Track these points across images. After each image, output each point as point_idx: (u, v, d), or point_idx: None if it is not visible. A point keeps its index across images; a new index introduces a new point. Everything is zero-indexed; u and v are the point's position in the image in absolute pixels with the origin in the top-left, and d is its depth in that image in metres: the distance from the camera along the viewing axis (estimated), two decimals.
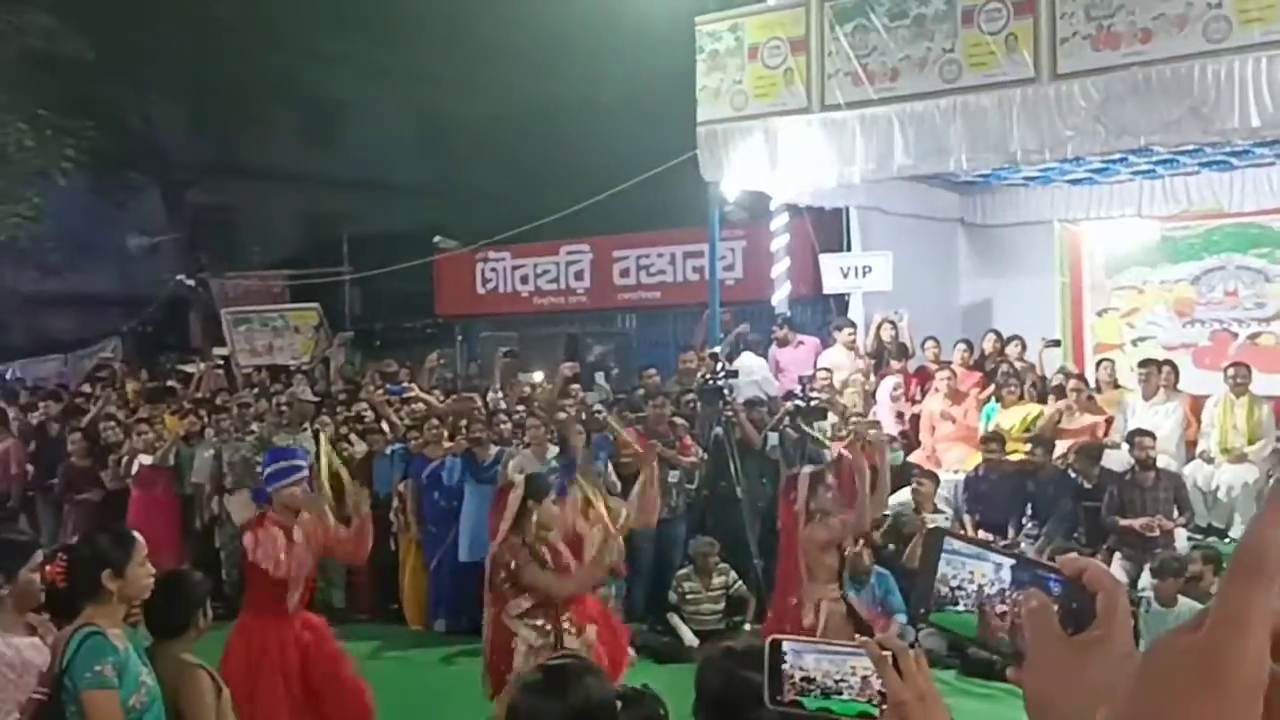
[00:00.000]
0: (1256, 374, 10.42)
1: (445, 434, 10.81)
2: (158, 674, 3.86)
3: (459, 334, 18.23)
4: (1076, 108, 9.63)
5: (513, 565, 6.16)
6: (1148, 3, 9.38)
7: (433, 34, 21.06)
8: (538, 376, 12.63)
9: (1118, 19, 9.49)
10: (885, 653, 1.29)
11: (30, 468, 13.21)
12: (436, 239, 17.96)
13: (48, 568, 3.83)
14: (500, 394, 11.87)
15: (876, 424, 9.77)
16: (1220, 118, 9.13)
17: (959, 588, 1.09)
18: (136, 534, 3.97)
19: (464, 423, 10.75)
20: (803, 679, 1.41)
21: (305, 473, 6.51)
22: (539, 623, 6.14)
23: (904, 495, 9.88)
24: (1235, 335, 12.04)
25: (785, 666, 1.42)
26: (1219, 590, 0.78)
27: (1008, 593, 1.05)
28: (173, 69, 21.00)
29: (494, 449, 10.30)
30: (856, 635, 6.08)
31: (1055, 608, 0.97)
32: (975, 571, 1.08)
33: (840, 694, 1.39)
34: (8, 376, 18.57)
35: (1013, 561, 1.06)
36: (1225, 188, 12.33)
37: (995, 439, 10.24)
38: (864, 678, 1.39)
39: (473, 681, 6.63)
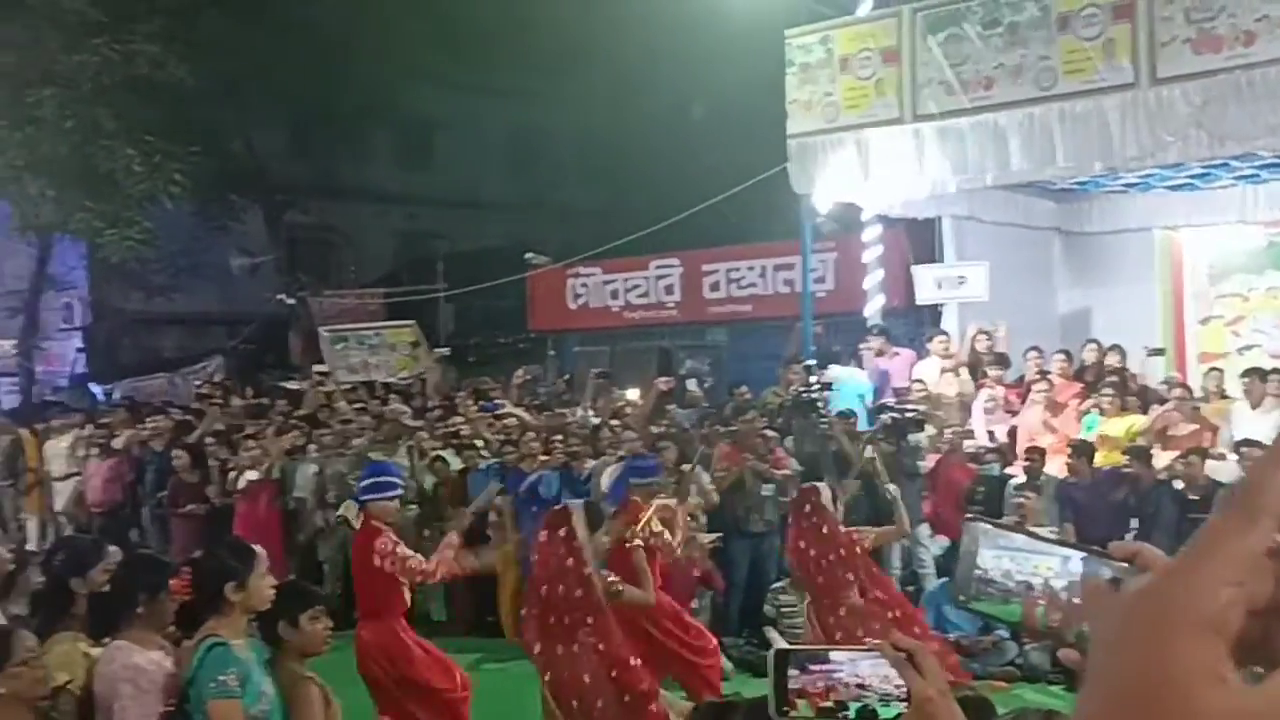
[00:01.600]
0: None
1: (540, 448, 10.93)
2: (275, 683, 3.98)
3: (551, 349, 18.40)
4: (1177, 113, 9.45)
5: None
6: (1250, 4, 9.18)
7: (523, 52, 21.33)
8: (632, 394, 12.71)
9: (1219, 21, 9.29)
10: (901, 653, 1.29)
11: (135, 484, 13.64)
12: (529, 255, 18.16)
13: (172, 581, 3.98)
14: (590, 411, 11.97)
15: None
16: None
17: (1023, 581, 1.10)
18: (257, 547, 4.11)
19: (559, 437, 10.86)
20: (840, 686, 1.42)
21: (400, 490, 6.75)
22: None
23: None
24: None
25: (792, 678, 1.42)
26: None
27: (1077, 585, 1.06)
28: (272, 93, 21.57)
29: (590, 463, 10.39)
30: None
31: (1112, 588, 0.98)
32: (1040, 565, 1.09)
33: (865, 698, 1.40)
34: (116, 394, 19.16)
35: (1081, 554, 1.08)
36: None
37: (1082, 451, 10.02)
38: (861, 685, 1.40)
39: None
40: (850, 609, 7.61)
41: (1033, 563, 1.09)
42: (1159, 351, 12.01)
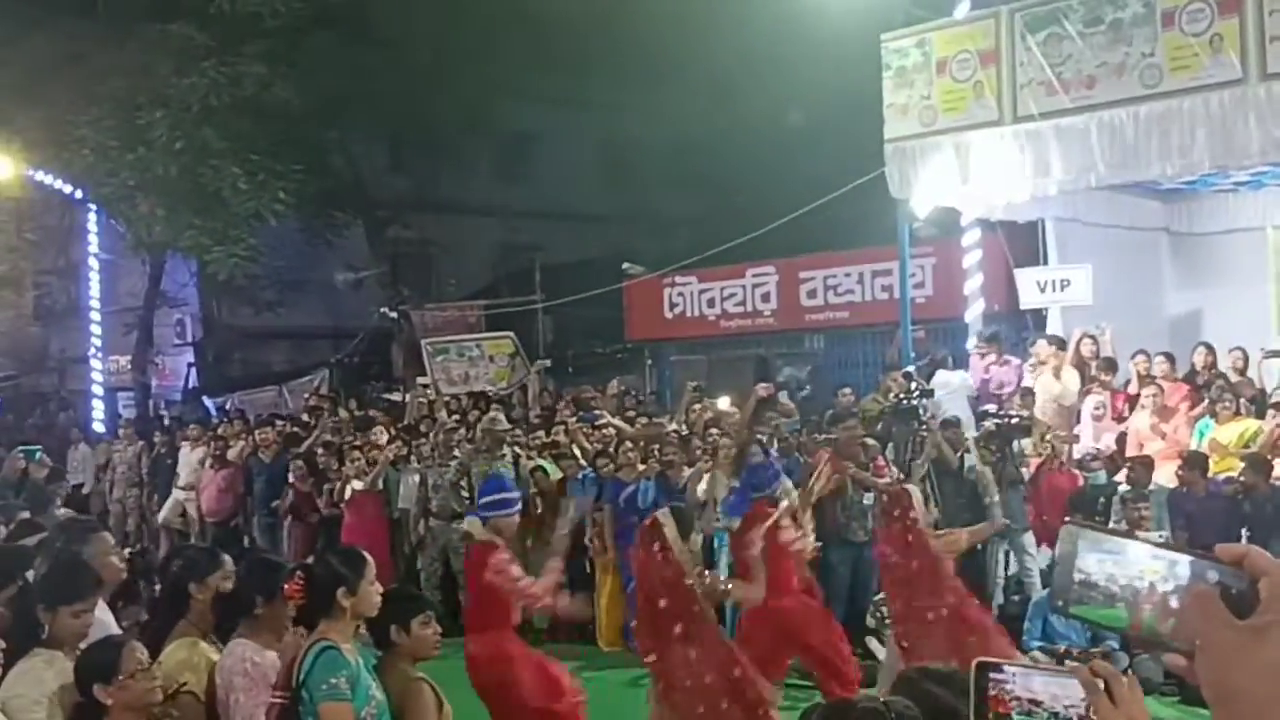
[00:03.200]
0: None
1: (639, 458, 10.98)
2: (385, 687, 4.07)
3: (648, 358, 18.45)
4: None
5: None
6: None
7: (617, 64, 21.45)
8: (723, 403, 12.70)
9: None
10: (1098, 679, 1.27)
11: (248, 494, 14.03)
12: (625, 265, 18.26)
13: (285, 586, 4.10)
14: (683, 424, 11.98)
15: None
16: None
17: (1128, 585, 1.08)
18: (366, 554, 4.22)
19: (656, 447, 10.89)
20: (1013, 699, 1.41)
21: (520, 505, 6.89)
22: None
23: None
24: None
25: (992, 689, 1.42)
26: None
27: (1184, 589, 1.04)
28: (372, 111, 22.00)
29: (686, 471, 10.41)
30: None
31: (1220, 595, 0.96)
32: (1146, 569, 1.08)
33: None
34: (228, 407, 19.70)
35: (1187, 557, 1.06)
36: None
37: (1195, 463, 9.73)
38: (1068, 705, 1.39)
39: None
40: (919, 619, 7.46)
41: (1138, 567, 1.08)
42: (1276, 353, 11.64)
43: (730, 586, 6.85)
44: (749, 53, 19.96)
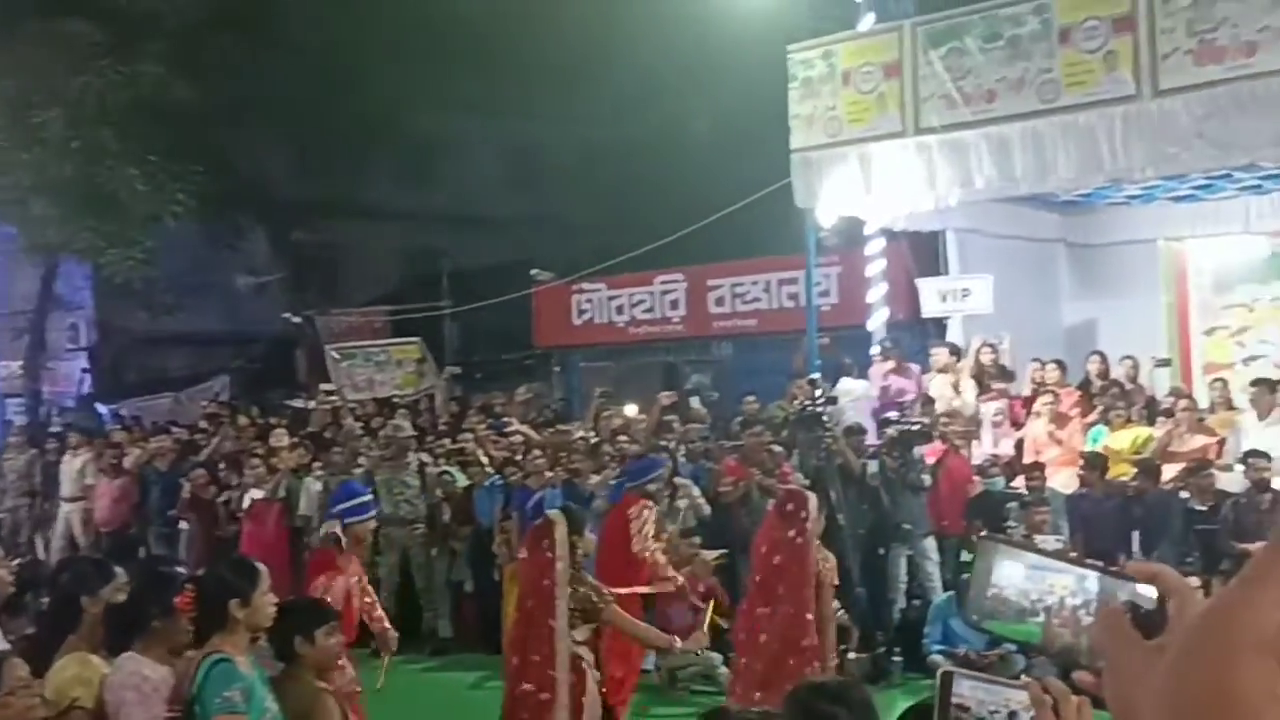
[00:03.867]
0: None
1: (546, 465, 10.93)
2: (287, 699, 3.98)
3: (556, 365, 18.40)
4: (1180, 124, 9.45)
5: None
6: (1251, 15, 9.19)
7: (525, 70, 21.40)
8: (631, 410, 12.72)
9: (1221, 33, 9.30)
10: (1048, 696, 1.27)
11: (142, 504, 13.67)
12: (533, 272, 18.20)
13: (177, 599, 3.99)
14: (591, 431, 11.97)
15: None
16: None
17: (1039, 600, 1.09)
18: (259, 564, 4.12)
19: (564, 454, 10.86)
20: (957, 706, 1.43)
21: (374, 511, 6.89)
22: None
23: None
24: None
25: (955, 698, 1.43)
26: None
27: (1093, 604, 1.05)
28: (276, 114, 21.64)
29: (594, 478, 10.39)
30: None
31: (1128, 614, 0.97)
32: (1056, 584, 1.09)
33: None
34: (123, 413, 19.19)
35: (1096, 573, 1.07)
36: None
37: (1094, 464, 10.00)
38: (1012, 713, 1.40)
39: None
40: (758, 617, 7.26)
41: (1049, 581, 1.08)
42: (1165, 363, 12.00)
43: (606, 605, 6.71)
44: (658, 61, 20.05)
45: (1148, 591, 0.98)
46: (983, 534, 8.41)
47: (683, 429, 11.44)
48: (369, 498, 7.07)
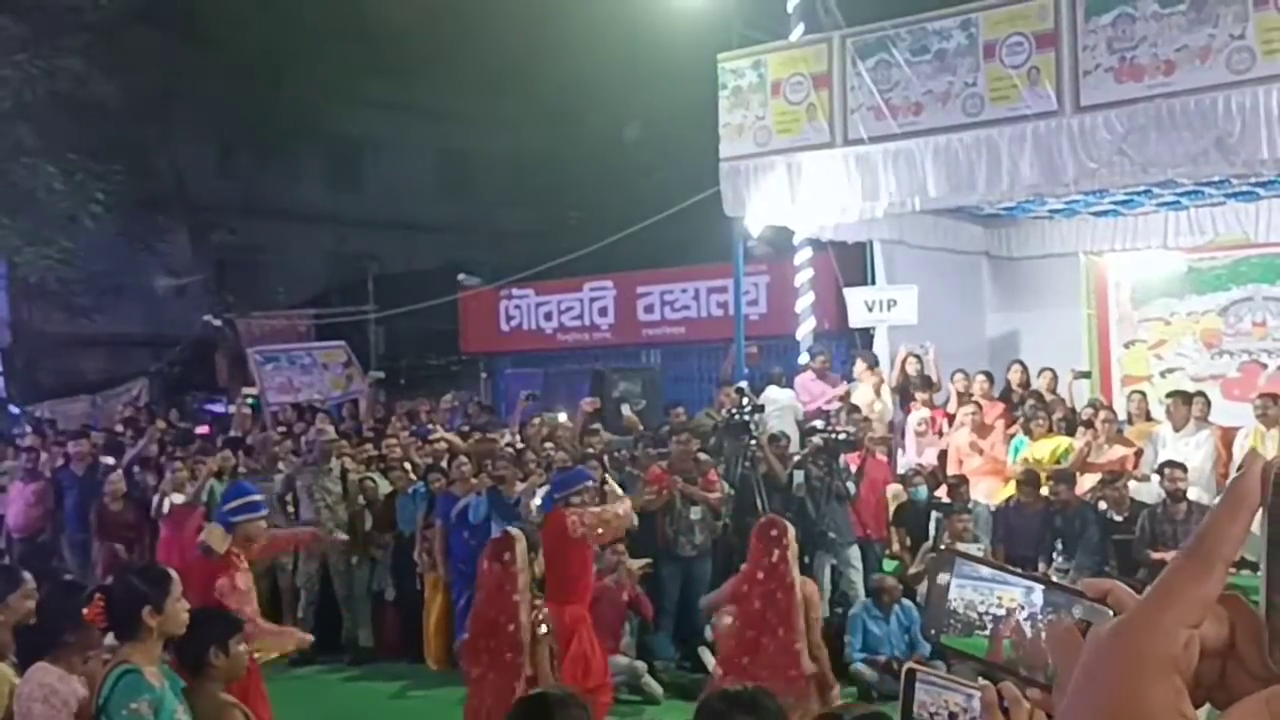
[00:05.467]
0: None
1: (471, 472, 10.82)
2: (195, 712, 3.88)
3: (483, 371, 18.28)
4: (1100, 140, 9.62)
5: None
6: (1170, 35, 9.38)
7: (457, 75, 21.28)
8: (561, 417, 12.66)
9: (1140, 51, 9.49)
10: (1001, 700, 1.26)
11: (57, 508, 13.31)
12: (461, 277, 18.07)
13: (86, 610, 3.87)
14: (517, 435, 11.90)
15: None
16: (1245, 149, 9.09)
17: (986, 613, 1.08)
18: (171, 570, 4.01)
19: (489, 461, 10.76)
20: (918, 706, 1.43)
21: (265, 510, 6.83)
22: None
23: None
24: (1265, 366, 11.96)
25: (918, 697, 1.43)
26: None
27: (1038, 617, 1.04)
28: (199, 113, 21.29)
29: (519, 485, 10.30)
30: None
31: (1081, 630, 0.96)
32: (1004, 597, 1.07)
33: None
34: (38, 416, 18.71)
35: (1042, 586, 1.06)
36: (1251, 218, 12.25)
37: (1029, 480, 10.11)
38: (952, 714, 1.39)
39: None
40: (748, 645, 7.44)
41: (996, 594, 1.07)
42: (1085, 374, 12.20)
43: (547, 631, 6.77)
44: (590, 69, 20.04)
45: (1103, 609, 0.96)
46: (942, 548, 8.51)
47: (605, 437, 11.41)
48: (259, 497, 6.94)
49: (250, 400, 15.52)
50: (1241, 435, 10.34)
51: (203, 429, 15.84)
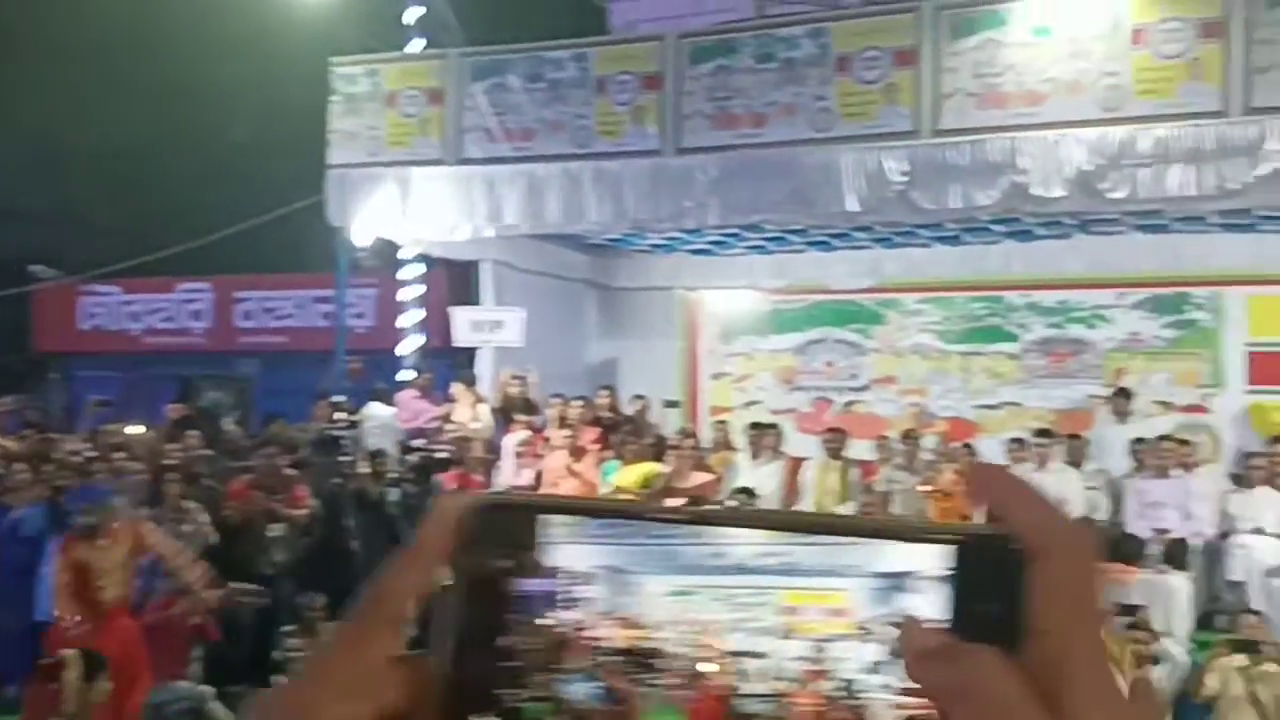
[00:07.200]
0: (850, 439, 11.23)
1: (29, 480, 9.83)
2: None
3: (54, 372, 16.77)
4: (696, 182, 10.13)
5: None
6: (763, 90, 10.04)
7: (50, 50, 19.52)
8: (138, 429, 11.77)
9: (735, 102, 10.10)
10: None
11: None
12: (34, 268, 16.52)
13: None
14: (87, 443, 10.97)
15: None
16: (822, 201, 9.86)
17: None
18: None
19: (48, 467, 9.83)
20: None
21: None
22: None
23: None
24: (832, 402, 12.99)
25: None
26: None
27: None
28: None
29: None
30: None
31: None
32: None
33: None
34: None
35: None
36: (826, 266, 13.29)
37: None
38: None
39: None
40: None
41: None
42: (674, 403, 12.76)
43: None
44: (196, 59, 18.93)
45: None
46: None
47: (184, 449, 10.73)
48: None
49: None
50: (809, 466, 11.17)
51: None
